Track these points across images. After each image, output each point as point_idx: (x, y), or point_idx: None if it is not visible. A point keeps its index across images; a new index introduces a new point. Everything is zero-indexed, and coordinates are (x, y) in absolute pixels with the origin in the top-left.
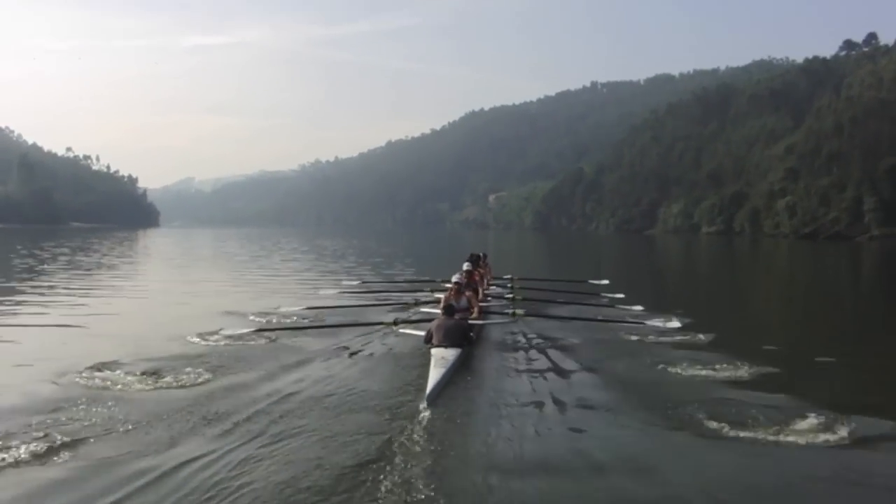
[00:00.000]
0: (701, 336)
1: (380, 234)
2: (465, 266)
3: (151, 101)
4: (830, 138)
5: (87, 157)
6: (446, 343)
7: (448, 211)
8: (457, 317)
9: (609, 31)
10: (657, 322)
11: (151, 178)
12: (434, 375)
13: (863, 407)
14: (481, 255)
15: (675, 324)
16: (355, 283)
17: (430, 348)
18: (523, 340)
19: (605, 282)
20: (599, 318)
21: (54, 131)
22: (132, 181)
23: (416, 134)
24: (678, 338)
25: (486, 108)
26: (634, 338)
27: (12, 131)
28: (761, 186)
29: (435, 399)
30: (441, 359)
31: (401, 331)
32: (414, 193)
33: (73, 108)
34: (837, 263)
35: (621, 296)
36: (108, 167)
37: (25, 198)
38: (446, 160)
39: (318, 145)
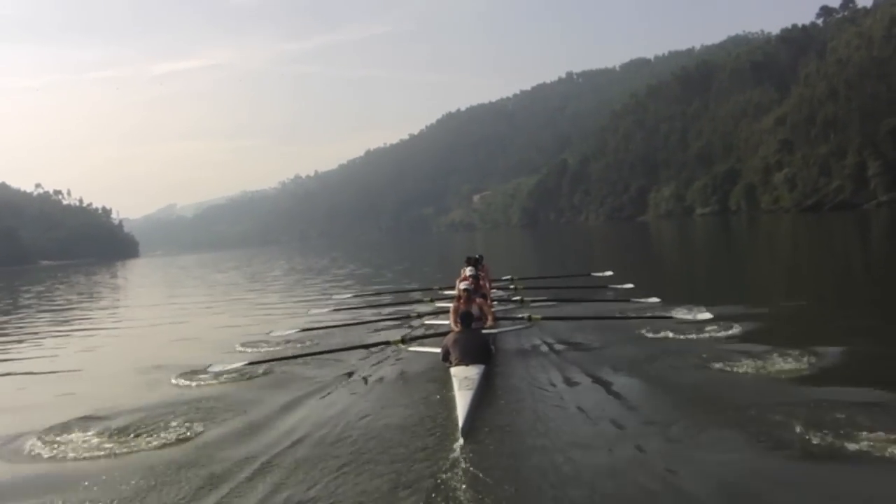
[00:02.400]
0: (735, 325)
1: (362, 245)
2: (469, 270)
3: (125, 130)
4: (825, 104)
5: (57, 193)
6: (467, 360)
7: (433, 215)
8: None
9: (577, 21)
10: (683, 314)
11: (132, 208)
12: (462, 403)
13: None
14: (478, 256)
15: (705, 314)
16: (348, 296)
17: (448, 367)
18: (545, 347)
19: (609, 273)
20: (617, 314)
21: (28, 170)
22: (106, 212)
23: (395, 140)
24: (712, 330)
25: (463, 109)
26: (664, 334)
27: None
28: (754, 161)
29: (469, 430)
30: (465, 379)
31: (409, 349)
32: (397, 200)
33: (46, 144)
34: (846, 233)
35: (630, 286)
36: (81, 201)
37: None
38: (427, 164)
39: (298, 161)
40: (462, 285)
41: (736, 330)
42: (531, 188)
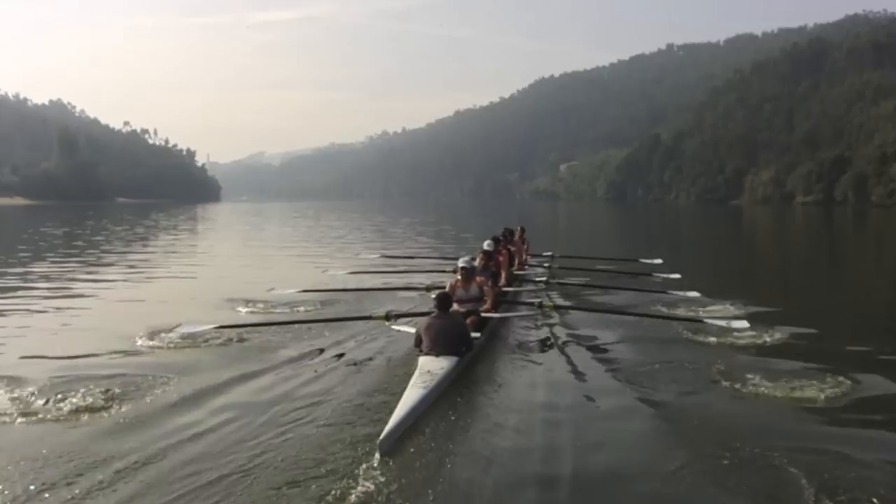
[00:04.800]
0: (776, 337)
1: (446, 206)
2: (486, 245)
3: (220, 77)
4: None
5: (144, 132)
6: (437, 350)
7: (517, 181)
8: (461, 309)
9: None
10: (717, 319)
11: (222, 153)
12: (403, 406)
13: None
14: (518, 229)
15: (742, 323)
16: (374, 256)
17: (417, 356)
18: (551, 340)
19: (658, 261)
20: (647, 309)
21: (123, 110)
22: (190, 154)
23: (485, 103)
24: (748, 339)
25: (557, 75)
26: (692, 337)
27: (74, 107)
28: (868, 150)
29: (395, 444)
30: (426, 374)
31: (394, 328)
32: (482, 164)
33: (142, 85)
34: None
35: (677, 276)
36: (167, 141)
37: (66, 173)
38: (515, 129)
39: (387, 117)
40: (460, 263)
41: (775, 343)
42: (620, 161)
